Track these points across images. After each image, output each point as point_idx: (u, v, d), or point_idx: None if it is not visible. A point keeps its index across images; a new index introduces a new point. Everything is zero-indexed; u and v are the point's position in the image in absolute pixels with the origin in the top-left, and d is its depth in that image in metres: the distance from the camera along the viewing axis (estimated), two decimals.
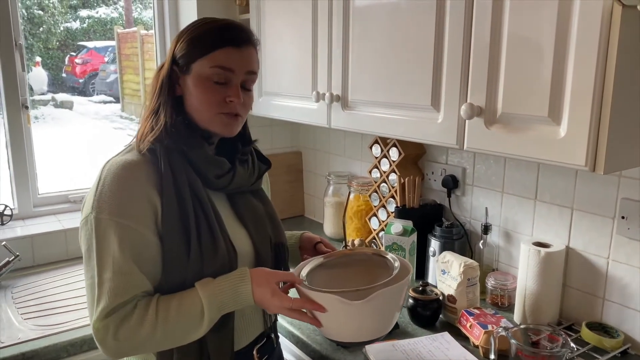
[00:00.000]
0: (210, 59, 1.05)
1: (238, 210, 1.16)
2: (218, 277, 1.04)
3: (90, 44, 6.48)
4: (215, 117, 1.08)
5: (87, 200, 1.03)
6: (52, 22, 5.70)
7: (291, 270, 1.18)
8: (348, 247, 1.67)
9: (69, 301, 1.68)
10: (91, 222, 0.99)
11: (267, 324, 1.21)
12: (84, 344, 1.46)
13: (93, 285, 0.99)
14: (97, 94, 6.37)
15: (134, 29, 5.03)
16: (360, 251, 1.25)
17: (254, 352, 1.17)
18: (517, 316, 1.47)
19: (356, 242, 1.79)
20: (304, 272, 1.12)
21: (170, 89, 1.08)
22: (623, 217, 1.32)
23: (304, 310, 1.05)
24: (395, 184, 1.82)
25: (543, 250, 1.40)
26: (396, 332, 1.42)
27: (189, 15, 2.18)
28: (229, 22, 1.11)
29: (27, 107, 2.02)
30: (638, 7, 0.92)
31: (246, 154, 1.19)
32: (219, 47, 1.05)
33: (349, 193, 1.91)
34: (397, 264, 1.12)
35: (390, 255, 1.16)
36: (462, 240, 1.68)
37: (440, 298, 1.47)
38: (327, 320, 1.04)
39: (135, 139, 1.10)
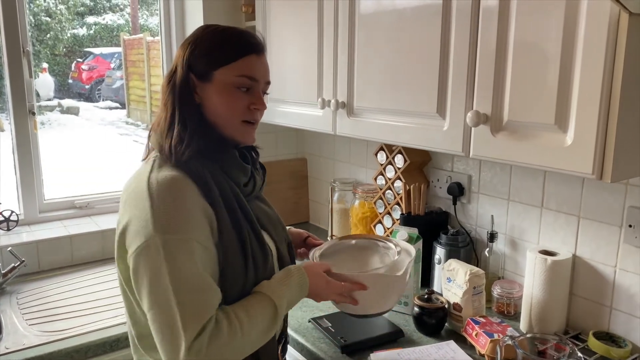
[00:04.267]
0: (234, 68, 1.06)
1: (256, 215, 1.17)
2: (273, 278, 1.09)
3: (96, 51, 6.52)
4: (239, 125, 1.10)
5: (139, 224, 0.97)
6: (59, 28, 5.74)
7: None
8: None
9: (74, 307, 1.68)
10: (156, 245, 0.94)
11: (286, 323, 1.25)
12: (88, 351, 1.46)
13: (169, 310, 0.94)
14: (103, 100, 6.40)
15: (140, 35, 5.06)
16: (358, 237, 1.40)
17: (279, 352, 1.21)
18: (523, 325, 1.46)
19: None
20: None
21: (190, 98, 1.07)
22: (630, 226, 1.31)
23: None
24: (401, 191, 1.81)
25: (549, 258, 1.39)
26: (401, 341, 1.41)
27: (195, 22, 2.19)
28: (243, 29, 1.12)
29: (34, 114, 2.03)
30: None
31: (257, 161, 1.23)
32: (243, 55, 1.07)
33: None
34: (393, 244, 1.31)
35: (388, 240, 1.34)
36: (467, 248, 1.67)
37: (446, 306, 1.46)
38: (363, 297, 1.18)
39: (157, 152, 1.08)
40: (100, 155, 5.05)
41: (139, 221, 0.97)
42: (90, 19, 6.16)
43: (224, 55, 1.06)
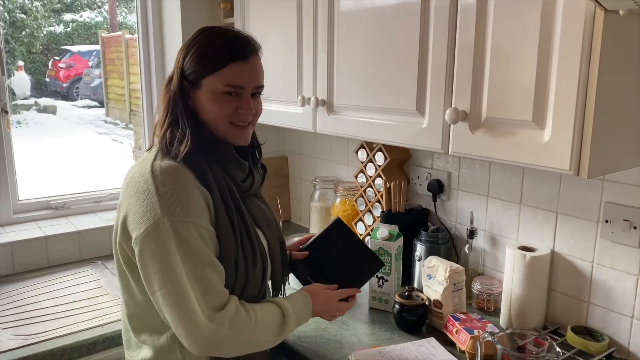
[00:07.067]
0: (220, 76, 1.11)
1: (251, 212, 1.21)
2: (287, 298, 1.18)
3: (74, 48, 6.41)
4: (229, 128, 1.15)
5: (145, 207, 1.02)
6: (35, 25, 5.62)
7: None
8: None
9: (49, 310, 1.64)
10: (165, 225, 1.00)
11: None
12: (64, 354, 1.43)
13: (183, 285, 0.99)
14: (81, 99, 6.30)
15: (119, 33, 4.99)
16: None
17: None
18: (503, 321, 1.47)
19: None
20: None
21: (184, 102, 1.12)
22: (607, 221, 1.32)
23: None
24: (381, 189, 1.81)
25: (528, 254, 1.40)
26: (382, 338, 1.41)
27: (173, 19, 2.16)
28: (234, 34, 1.15)
29: (6, 112, 1.98)
30: (620, 12, 0.92)
31: (259, 159, 1.28)
32: (228, 63, 1.10)
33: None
34: None
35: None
36: (447, 245, 1.67)
37: (426, 303, 1.46)
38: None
39: (155, 149, 1.14)
40: (79, 154, 4.97)
41: (145, 205, 1.02)
42: (67, 16, 6.05)
43: (210, 64, 1.11)
